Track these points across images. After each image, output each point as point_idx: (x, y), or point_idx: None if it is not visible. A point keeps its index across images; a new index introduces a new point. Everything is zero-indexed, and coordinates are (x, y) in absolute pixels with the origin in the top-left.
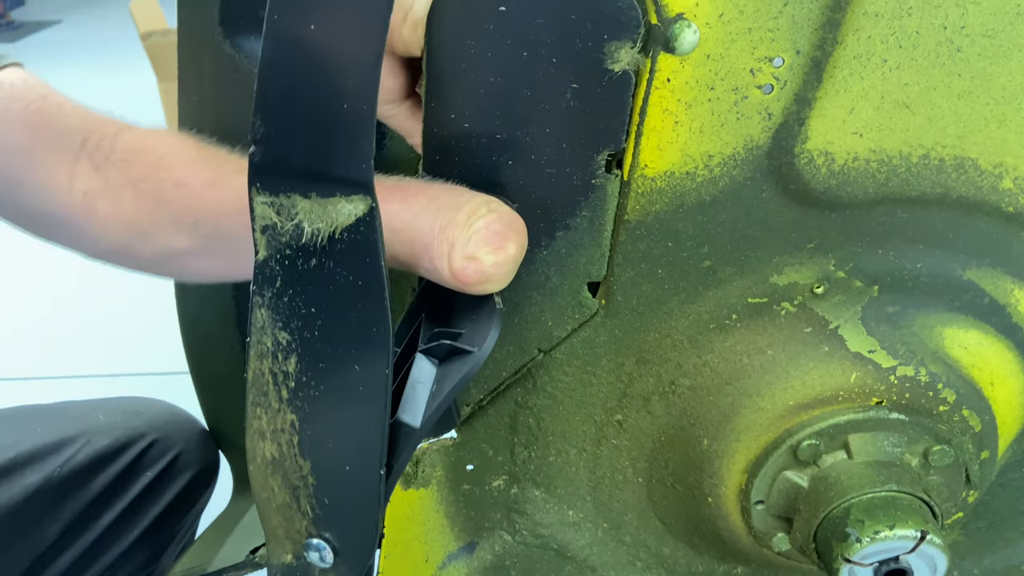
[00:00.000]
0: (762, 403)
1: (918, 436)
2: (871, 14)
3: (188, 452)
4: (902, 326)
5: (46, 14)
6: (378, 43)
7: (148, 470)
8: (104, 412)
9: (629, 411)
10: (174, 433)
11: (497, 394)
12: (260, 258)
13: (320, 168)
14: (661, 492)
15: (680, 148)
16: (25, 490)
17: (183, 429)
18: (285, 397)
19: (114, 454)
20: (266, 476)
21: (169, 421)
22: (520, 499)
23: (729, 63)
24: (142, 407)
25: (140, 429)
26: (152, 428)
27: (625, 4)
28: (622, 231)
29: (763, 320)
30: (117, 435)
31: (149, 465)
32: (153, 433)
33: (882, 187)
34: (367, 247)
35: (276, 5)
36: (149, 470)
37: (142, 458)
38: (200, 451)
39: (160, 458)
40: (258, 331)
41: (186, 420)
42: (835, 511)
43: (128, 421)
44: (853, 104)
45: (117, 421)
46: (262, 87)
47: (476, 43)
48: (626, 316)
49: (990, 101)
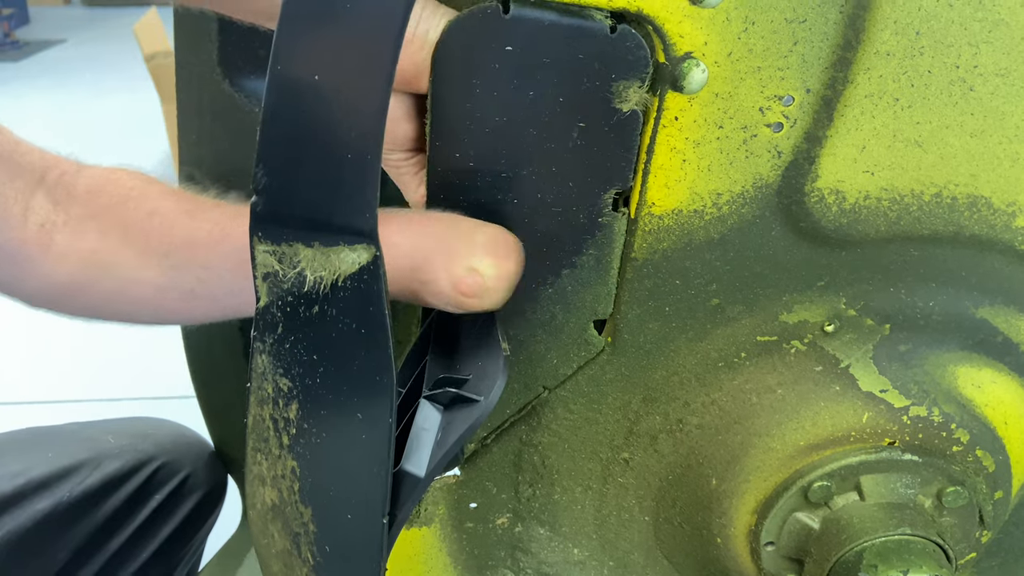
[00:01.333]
0: (772, 443)
1: (931, 477)
2: (883, 53)
3: (196, 474)
4: (914, 365)
5: (51, 33)
6: (383, 92)
7: (157, 493)
8: (114, 435)
9: (636, 449)
10: (182, 455)
11: (502, 431)
12: (261, 305)
13: (323, 218)
14: (668, 531)
15: (688, 186)
16: (34, 516)
17: (191, 451)
18: (286, 444)
19: (124, 478)
20: (266, 522)
21: (177, 443)
22: (524, 537)
23: (738, 101)
24: (151, 428)
25: (149, 452)
26: (161, 451)
27: (633, 43)
28: (629, 269)
29: (773, 358)
30: (127, 459)
31: (158, 488)
32: (162, 456)
33: (894, 225)
34: (370, 295)
35: (279, 55)
36: (158, 493)
37: (151, 481)
38: (208, 472)
39: (169, 480)
40: (259, 377)
41: (194, 442)
42: (847, 555)
43: (137, 444)
44: (864, 142)
45: (127, 444)
46: (265, 137)
47: (481, 82)
48: (633, 354)
49: (1003, 139)
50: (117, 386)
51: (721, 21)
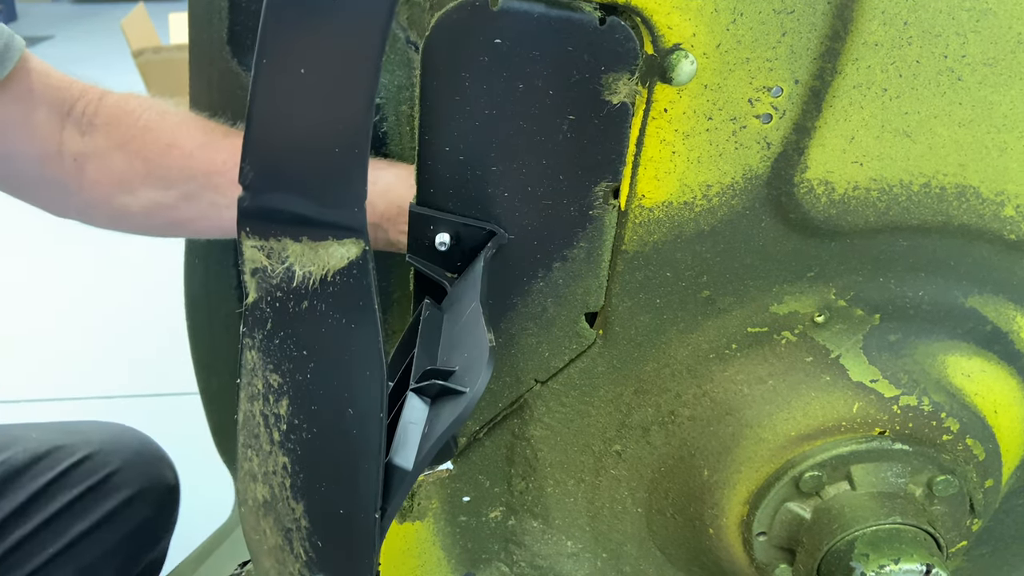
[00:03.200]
0: (763, 433)
1: (922, 466)
2: (871, 44)
3: (127, 470)
4: (904, 355)
5: (39, 29)
6: (370, 84)
7: (75, 487)
8: (40, 431)
9: (628, 441)
10: (112, 451)
11: (494, 425)
12: (250, 301)
13: (311, 212)
14: (661, 522)
15: (678, 178)
16: None
17: (127, 448)
18: (277, 439)
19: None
20: (258, 518)
21: (111, 441)
22: (518, 530)
23: (727, 93)
24: (87, 428)
25: (69, 446)
26: (86, 445)
27: (622, 35)
28: (620, 261)
29: (763, 350)
30: (38, 450)
31: (77, 482)
32: (84, 449)
33: (883, 216)
34: (360, 290)
35: (265, 47)
36: (76, 487)
37: (69, 474)
38: (143, 470)
39: (91, 475)
40: (249, 373)
41: (134, 441)
42: (839, 544)
43: (59, 439)
44: (853, 133)
45: (48, 439)
46: (251, 131)
47: (471, 76)
48: (624, 346)
49: (991, 129)
50: (103, 383)
51: (710, 12)
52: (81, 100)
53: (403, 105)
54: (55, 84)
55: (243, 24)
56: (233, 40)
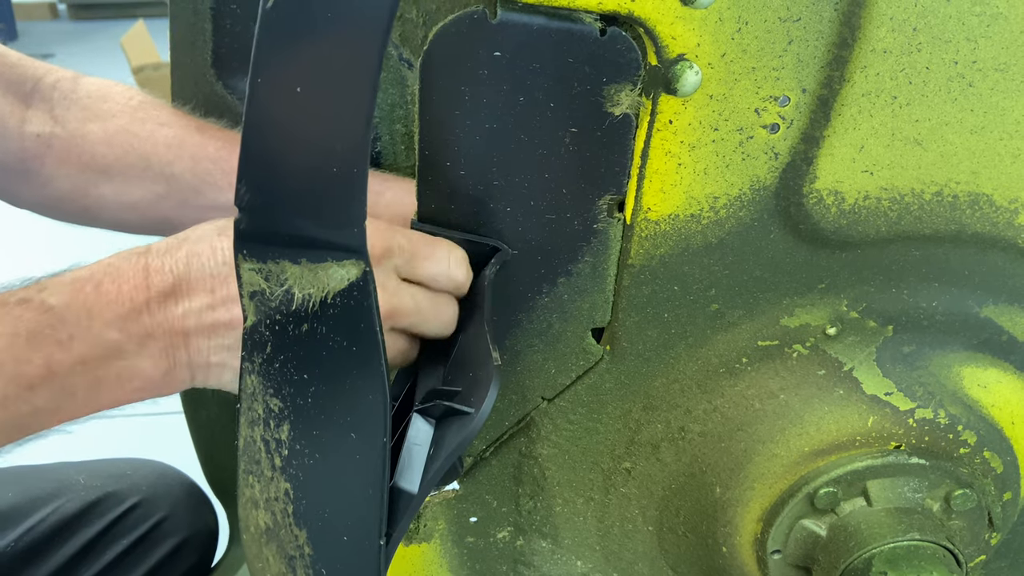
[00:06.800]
0: (776, 449)
1: (939, 480)
2: (879, 51)
3: (174, 517)
4: (919, 366)
5: (39, 48)
6: (368, 102)
7: (125, 536)
8: (86, 474)
9: (638, 458)
10: (160, 496)
11: (500, 444)
12: (249, 324)
13: (310, 234)
14: (673, 541)
15: (684, 190)
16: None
17: (171, 492)
18: (278, 465)
19: (84, 519)
20: (260, 546)
21: (156, 484)
22: (526, 550)
23: (733, 103)
24: (130, 469)
25: (119, 491)
26: (134, 491)
27: (624, 46)
28: (626, 276)
29: (774, 363)
30: (89, 498)
31: (128, 531)
32: (134, 496)
33: (894, 225)
34: (361, 311)
35: (259, 66)
36: (126, 536)
37: (119, 523)
38: (190, 515)
39: (142, 523)
40: (248, 398)
41: (176, 482)
42: (856, 562)
43: (108, 484)
44: (863, 142)
45: (97, 484)
46: (246, 152)
47: (470, 88)
48: (632, 362)
49: (1004, 136)
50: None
51: (714, 22)
52: (51, 75)
53: (397, 124)
54: (13, 62)
55: (227, 46)
56: (217, 63)
